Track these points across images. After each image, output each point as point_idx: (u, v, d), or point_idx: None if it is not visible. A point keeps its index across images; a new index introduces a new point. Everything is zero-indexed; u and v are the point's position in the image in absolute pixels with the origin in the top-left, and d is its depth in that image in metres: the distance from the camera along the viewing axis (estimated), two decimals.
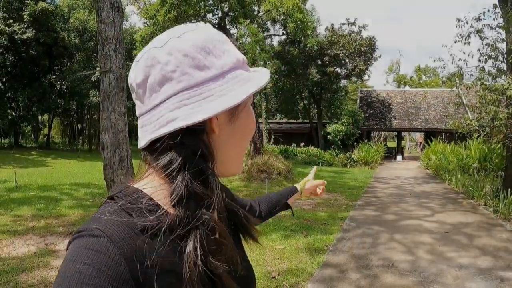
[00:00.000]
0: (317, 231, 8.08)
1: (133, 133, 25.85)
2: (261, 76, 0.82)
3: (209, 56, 0.77)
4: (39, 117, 35.02)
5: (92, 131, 34.29)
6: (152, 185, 0.78)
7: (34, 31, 25.32)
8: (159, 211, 0.74)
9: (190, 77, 0.75)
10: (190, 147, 0.75)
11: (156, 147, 0.76)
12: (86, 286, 0.62)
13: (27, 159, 24.47)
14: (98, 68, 8.08)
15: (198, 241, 0.71)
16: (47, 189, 13.02)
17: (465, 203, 11.71)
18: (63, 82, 27.90)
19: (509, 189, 10.78)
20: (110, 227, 0.69)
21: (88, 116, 35.41)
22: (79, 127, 40.97)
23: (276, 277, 5.49)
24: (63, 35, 26.72)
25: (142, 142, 0.78)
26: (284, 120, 44.54)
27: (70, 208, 10.17)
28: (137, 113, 0.82)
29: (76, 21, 27.26)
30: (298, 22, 19.96)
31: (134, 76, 0.79)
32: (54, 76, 29.48)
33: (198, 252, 0.70)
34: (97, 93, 26.86)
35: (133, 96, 0.82)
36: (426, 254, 6.56)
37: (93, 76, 26.64)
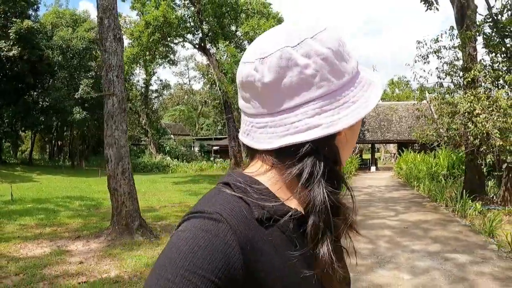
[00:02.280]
0: None
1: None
2: (375, 77, 0.84)
3: (342, 60, 0.77)
4: (22, 133, 35.47)
5: (74, 147, 34.84)
6: (270, 178, 0.78)
7: (19, 48, 25.97)
8: (277, 203, 0.74)
9: (330, 83, 0.74)
10: (326, 154, 0.75)
11: (285, 150, 0.74)
12: (198, 269, 0.62)
13: (13, 174, 25.11)
14: (102, 92, 9.16)
15: (331, 246, 0.71)
16: (42, 202, 13.86)
17: (428, 205, 13.06)
18: (46, 99, 28.54)
19: (468, 191, 12.19)
20: (229, 214, 0.68)
21: (69, 133, 35.89)
22: (59, 144, 41.34)
23: None
24: (47, 52, 27.46)
25: (266, 145, 0.76)
26: None
27: (70, 218, 11.10)
28: (251, 112, 0.79)
29: (59, 39, 28.00)
30: None
31: (260, 74, 0.75)
32: (36, 93, 30.09)
33: (333, 256, 0.70)
34: (81, 110, 27.59)
35: (245, 93, 0.80)
36: (385, 244, 7.84)
37: (77, 94, 27.43)
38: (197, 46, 22.11)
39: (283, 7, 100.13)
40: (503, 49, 12.64)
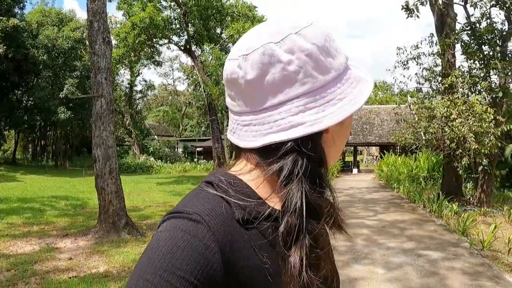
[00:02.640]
0: None
1: None
2: (365, 73, 0.81)
3: (328, 56, 0.74)
4: (5, 132, 35.23)
5: (58, 147, 34.71)
6: (254, 178, 0.77)
7: (4, 47, 25.89)
8: (257, 202, 0.74)
9: (314, 80, 0.72)
10: (309, 153, 0.72)
11: (268, 148, 0.73)
12: (176, 270, 0.62)
13: None
14: (90, 93, 9.36)
15: (304, 252, 0.67)
16: (28, 201, 13.94)
17: (406, 206, 13.48)
18: (31, 98, 28.46)
19: (445, 193, 12.66)
20: (209, 214, 0.68)
21: (53, 133, 35.72)
22: (42, 143, 41.12)
23: None
24: (33, 51, 27.40)
25: (249, 143, 0.75)
26: None
27: (56, 217, 11.25)
28: (236, 109, 0.78)
29: (45, 38, 27.92)
30: None
31: (243, 71, 0.73)
32: (20, 92, 29.96)
33: (304, 263, 0.67)
34: (65, 109, 27.55)
35: (230, 91, 0.79)
36: (362, 241, 8.21)
37: (62, 93, 27.39)
38: (182, 48, 22.34)
39: (268, 11, 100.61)
40: (481, 56, 13.12)
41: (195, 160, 39.40)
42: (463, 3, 14.05)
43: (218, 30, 24.49)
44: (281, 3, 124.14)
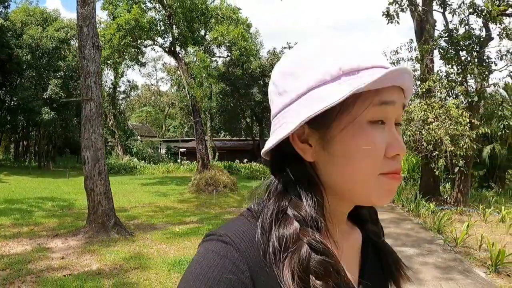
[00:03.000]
0: None
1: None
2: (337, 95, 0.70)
3: (290, 78, 0.75)
4: None
5: (41, 148, 34.53)
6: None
7: None
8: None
9: (274, 105, 0.78)
10: (292, 173, 0.77)
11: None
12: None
13: None
14: (80, 97, 9.60)
15: (295, 266, 0.67)
16: (15, 203, 13.97)
17: (385, 206, 13.93)
18: (14, 98, 28.31)
19: (422, 193, 13.17)
20: (239, 237, 0.71)
21: (36, 133, 35.50)
22: (24, 144, 40.82)
23: None
24: (17, 51, 27.27)
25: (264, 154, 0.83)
26: (228, 137, 46.45)
27: (44, 218, 11.36)
28: None
29: (29, 38, 27.78)
30: (242, 49, 21.96)
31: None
32: (3, 92, 29.76)
33: (295, 277, 0.67)
34: (49, 110, 27.47)
35: None
36: None
37: (45, 93, 27.31)
38: (166, 50, 22.51)
39: (251, 12, 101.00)
40: (458, 61, 13.64)
41: (179, 161, 39.52)
42: (442, 10, 14.59)
43: (202, 32, 24.72)
44: (264, 4, 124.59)
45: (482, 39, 13.65)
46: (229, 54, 26.51)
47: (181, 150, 42.97)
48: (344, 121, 0.73)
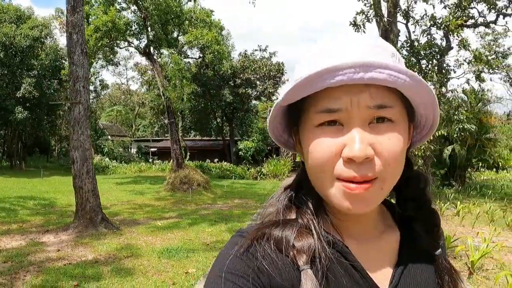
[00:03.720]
0: (234, 221, 11.01)
1: None
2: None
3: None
4: None
5: (13, 148, 34.23)
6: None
7: None
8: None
9: None
10: (301, 171, 0.86)
11: None
12: (229, 270, 0.73)
13: None
14: (69, 100, 10.17)
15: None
16: None
17: None
18: None
19: None
20: (254, 234, 0.77)
21: (8, 133, 35.16)
22: None
23: (209, 244, 8.32)
24: None
25: None
26: (199, 137, 47.01)
27: (30, 216, 11.77)
28: None
29: (2, 36, 27.44)
30: (215, 52, 22.69)
31: None
32: None
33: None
34: (22, 109, 27.47)
35: None
36: None
37: (19, 92, 27.26)
38: (142, 52, 23.01)
39: (223, 14, 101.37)
40: (419, 69, 14.71)
41: (150, 160, 39.85)
42: (405, 22, 15.69)
43: (175, 34, 25.24)
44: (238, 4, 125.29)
45: (442, 48, 14.78)
46: (201, 56, 27.15)
47: (152, 149, 43.27)
48: (302, 124, 0.77)
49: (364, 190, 0.70)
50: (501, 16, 16.45)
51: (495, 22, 16.66)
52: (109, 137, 44.84)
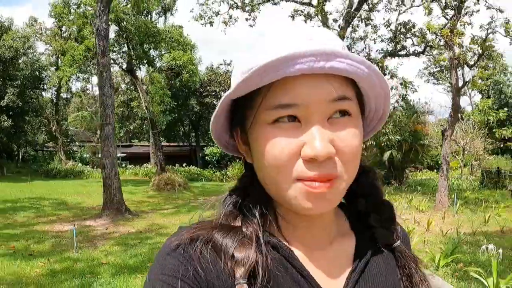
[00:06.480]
0: None
1: None
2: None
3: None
4: None
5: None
6: None
7: None
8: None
9: None
10: (245, 172, 0.85)
11: None
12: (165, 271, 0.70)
13: None
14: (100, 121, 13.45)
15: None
16: (14, 202, 15.87)
17: None
18: None
19: None
20: (192, 233, 0.76)
21: None
22: None
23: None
24: None
25: None
26: (166, 143, 49.81)
27: (56, 211, 14.48)
28: None
29: None
30: (191, 72, 26.07)
31: None
32: None
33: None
34: (7, 118, 28.92)
35: None
36: None
37: (2, 101, 28.80)
38: (125, 70, 25.97)
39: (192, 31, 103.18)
40: None
41: (123, 165, 41.72)
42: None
43: (152, 52, 28.04)
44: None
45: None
46: (174, 73, 30.02)
47: (122, 155, 45.41)
48: (251, 122, 0.71)
49: (327, 189, 0.66)
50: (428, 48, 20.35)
51: (423, 52, 20.67)
52: (76, 143, 46.39)
